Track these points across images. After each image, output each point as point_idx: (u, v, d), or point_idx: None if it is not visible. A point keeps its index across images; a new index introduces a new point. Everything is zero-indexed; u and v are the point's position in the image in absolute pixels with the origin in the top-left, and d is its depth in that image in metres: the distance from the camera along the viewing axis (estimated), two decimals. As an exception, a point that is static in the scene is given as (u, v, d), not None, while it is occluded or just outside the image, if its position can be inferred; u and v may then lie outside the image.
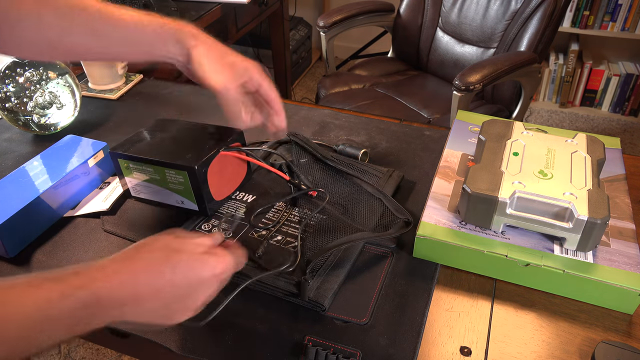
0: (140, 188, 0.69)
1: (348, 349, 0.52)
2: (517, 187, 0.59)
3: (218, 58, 0.59)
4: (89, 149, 0.74)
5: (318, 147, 0.76)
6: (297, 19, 2.74)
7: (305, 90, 2.73)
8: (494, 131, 0.70)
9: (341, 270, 0.59)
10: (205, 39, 0.59)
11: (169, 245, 0.45)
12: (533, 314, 0.56)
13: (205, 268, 0.45)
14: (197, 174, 0.63)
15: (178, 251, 0.45)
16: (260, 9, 1.82)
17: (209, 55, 0.58)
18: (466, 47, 1.62)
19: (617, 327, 0.54)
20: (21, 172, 0.69)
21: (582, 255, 0.58)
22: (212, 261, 0.46)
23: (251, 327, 0.55)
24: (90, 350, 1.48)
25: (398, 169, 0.78)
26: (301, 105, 0.95)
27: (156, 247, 0.45)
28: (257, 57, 2.59)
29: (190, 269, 0.44)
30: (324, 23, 1.64)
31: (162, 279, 0.43)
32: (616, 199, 0.66)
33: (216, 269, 0.46)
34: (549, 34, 1.44)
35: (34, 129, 0.85)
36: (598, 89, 2.43)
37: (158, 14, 0.60)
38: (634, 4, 2.16)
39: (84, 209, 0.70)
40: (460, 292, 0.59)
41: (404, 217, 0.65)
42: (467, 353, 0.52)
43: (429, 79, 1.73)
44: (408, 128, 0.89)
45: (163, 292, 0.43)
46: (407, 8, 1.72)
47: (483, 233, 0.61)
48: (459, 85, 1.28)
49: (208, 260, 0.45)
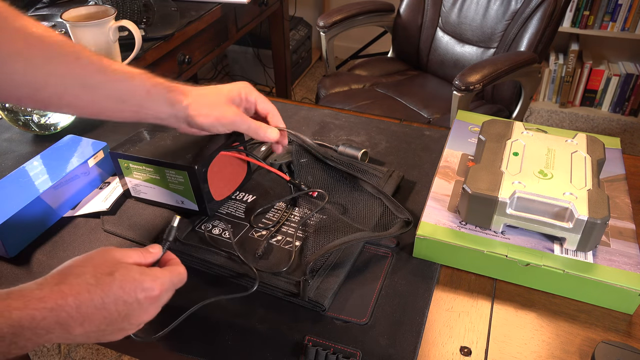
0: (140, 188, 0.69)
1: (348, 349, 0.52)
2: (517, 187, 0.59)
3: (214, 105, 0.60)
4: (89, 149, 0.74)
5: (318, 147, 0.77)
6: (297, 19, 2.74)
7: (305, 90, 2.73)
8: (494, 131, 0.70)
9: (341, 270, 0.59)
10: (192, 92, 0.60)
11: (100, 267, 0.43)
12: (533, 314, 0.56)
13: (139, 291, 0.43)
14: (197, 174, 0.63)
15: (109, 274, 0.43)
16: (260, 9, 1.82)
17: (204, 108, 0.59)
18: (466, 47, 1.62)
19: (617, 327, 0.54)
20: (21, 172, 0.69)
21: (582, 255, 0.58)
22: (146, 283, 0.44)
23: (251, 327, 0.55)
24: (90, 350, 1.48)
25: (398, 169, 0.78)
26: (301, 105, 0.95)
27: (86, 271, 0.42)
28: (257, 57, 2.60)
29: (123, 293, 0.42)
30: (324, 23, 1.64)
31: (92, 305, 0.41)
32: (616, 199, 0.66)
33: (152, 291, 0.44)
34: (549, 34, 1.44)
35: (34, 129, 0.85)
36: (598, 89, 2.43)
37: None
38: (634, 4, 2.16)
39: (84, 209, 0.70)
40: (460, 292, 0.59)
41: (404, 216, 0.65)
42: (467, 353, 0.52)
43: (429, 79, 1.73)
44: (408, 128, 0.89)
45: (93, 317, 0.41)
46: (407, 8, 1.72)
47: (483, 233, 0.61)
48: (459, 85, 1.28)
49: (142, 282, 0.44)
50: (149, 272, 0.45)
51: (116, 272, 0.43)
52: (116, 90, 0.55)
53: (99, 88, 0.54)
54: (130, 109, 0.57)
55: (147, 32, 1.24)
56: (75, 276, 0.42)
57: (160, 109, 0.58)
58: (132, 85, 0.56)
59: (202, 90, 0.61)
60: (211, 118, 0.59)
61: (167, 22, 1.31)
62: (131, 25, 1.01)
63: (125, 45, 1.08)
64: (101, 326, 0.42)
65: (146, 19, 1.28)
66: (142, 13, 1.30)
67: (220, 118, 0.60)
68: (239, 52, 2.64)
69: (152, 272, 0.45)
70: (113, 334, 0.44)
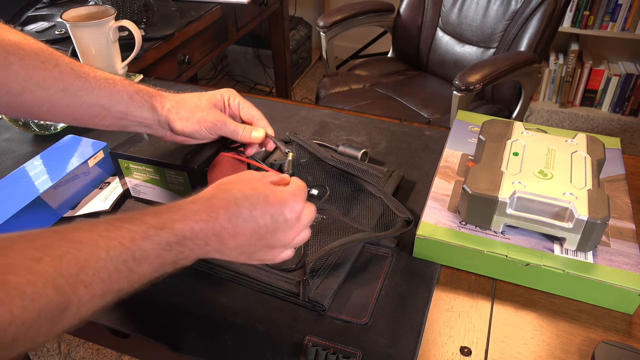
0: (140, 188, 0.69)
1: (348, 349, 0.52)
2: (517, 187, 0.59)
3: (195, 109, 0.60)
4: (89, 149, 0.74)
5: (318, 147, 0.76)
6: (297, 19, 2.74)
7: (305, 90, 2.73)
8: (494, 131, 0.70)
9: (341, 270, 0.59)
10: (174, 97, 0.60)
11: (245, 184, 0.46)
12: (533, 314, 0.56)
13: (282, 205, 0.46)
14: (197, 175, 0.63)
15: (255, 189, 0.45)
16: (260, 9, 1.82)
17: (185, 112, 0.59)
18: (466, 47, 1.62)
19: (617, 327, 0.54)
20: (21, 172, 0.69)
21: (582, 255, 0.58)
22: (290, 200, 0.46)
23: (251, 327, 0.55)
24: (90, 350, 1.48)
25: (398, 169, 0.78)
26: (301, 105, 0.95)
27: (233, 187, 0.46)
28: (257, 57, 2.59)
29: (269, 206, 0.45)
30: (324, 23, 1.64)
31: (241, 217, 0.44)
32: (616, 199, 0.66)
33: (296, 204, 0.46)
34: (549, 34, 1.44)
35: (34, 129, 0.85)
36: (598, 89, 2.43)
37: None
38: (634, 4, 2.16)
39: (84, 209, 0.70)
40: (460, 292, 0.59)
41: (405, 216, 0.65)
42: (467, 353, 0.52)
43: (429, 79, 1.73)
44: (408, 128, 0.89)
45: (244, 229, 0.44)
46: (407, 8, 1.72)
47: (483, 233, 0.61)
48: (459, 85, 1.28)
49: (285, 197, 0.46)
50: (289, 189, 0.48)
51: (261, 189, 0.46)
52: (98, 96, 0.55)
53: (80, 94, 0.54)
54: (113, 115, 0.57)
55: (147, 32, 1.24)
56: (224, 192, 0.45)
57: (144, 115, 0.58)
58: (115, 91, 0.56)
59: (184, 96, 0.61)
60: (192, 122, 0.59)
61: (167, 22, 1.31)
62: (131, 25, 1.01)
63: (125, 45, 1.08)
64: (252, 240, 0.45)
65: (146, 19, 1.28)
66: (142, 13, 1.30)
67: (202, 121, 0.59)
68: (239, 52, 2.64)
69: (290, 190, 0.48)
70: (263, 251, 0.47)
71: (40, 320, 0.31)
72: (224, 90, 0.63)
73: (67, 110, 0.55)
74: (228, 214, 0.43)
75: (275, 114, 0.91)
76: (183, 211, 0.42)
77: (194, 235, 0.41)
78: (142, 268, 0.38)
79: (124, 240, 0.37)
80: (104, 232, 0.37)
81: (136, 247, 0.38)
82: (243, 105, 0.63)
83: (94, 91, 0.55)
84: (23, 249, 0.32)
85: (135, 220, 0.40)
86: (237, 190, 0.45)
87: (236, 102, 0.63)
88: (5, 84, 0.51)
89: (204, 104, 0.60)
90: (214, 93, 0.62)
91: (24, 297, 0.30)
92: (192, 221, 0.42)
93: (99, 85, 0.55)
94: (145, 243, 0.38)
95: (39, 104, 0.53)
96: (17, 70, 0.51)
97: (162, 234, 0.40)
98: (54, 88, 0.53)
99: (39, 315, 0.31)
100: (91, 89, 0.55)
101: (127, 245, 0.37)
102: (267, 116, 0.65)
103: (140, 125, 0.59)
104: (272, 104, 0.95)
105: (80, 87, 0.54)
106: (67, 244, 0.35)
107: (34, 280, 0.31)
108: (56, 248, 0.34)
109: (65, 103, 0.54)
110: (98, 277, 0.35)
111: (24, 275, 0.31)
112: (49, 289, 0.32)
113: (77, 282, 0.34)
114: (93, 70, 0.56)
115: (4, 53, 0.50)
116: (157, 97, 0.59)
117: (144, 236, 0.39)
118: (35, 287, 0.31)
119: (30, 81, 0.52)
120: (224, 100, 0.62)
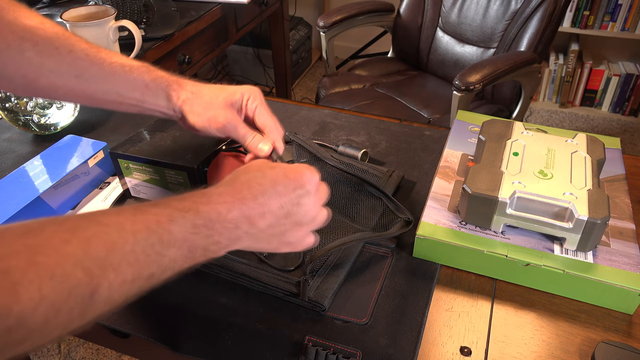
0: (140, 188, 0.69)
1: (348, 349, 0.52)
2: (517, 187, 0.59)
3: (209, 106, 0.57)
4: (89, 149, 0.74)
5: (318, 147, 0.76)
6: (297, 19, 2.74)
7: (305, 90, 2.73)
8: (494, 131, 0.70)
9: (341, 270, 0.59)
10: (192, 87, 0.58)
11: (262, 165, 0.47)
12: (533, 314, 0.56)
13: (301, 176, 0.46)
14: (197, 174, 0.63)
15: (272, 167, 0.47)
16: (260, 9, 1.82)
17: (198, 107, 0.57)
18: (466, 47, 1.62)
19: (617, 327, 0.54)
20: (21, 172, 0.69)
21: (582, 255, 0.58)
22: (307, 172, 0.47)
23: (251, 327, 0.55)
24: (90, 350, 1.48)
25: (398, 169, 0.78)
26: (301, 105, 0.95)
27: (251, 169, 0.47)
28: (257, 57, 2.60)
29: (289, 181, 0.46)
30: (324, 23, 1.64)
31: (266, 194, 0.44)
32: (616, 199, 0.66)
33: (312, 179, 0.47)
34: (549, 34, 1.44)
35: (34, 129, 0.85)
36: (598, 89, 2.43)
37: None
38: (634, 4, 2.16)
39: (84, 209, 0.70)
40: (460, 292, 0.59)
41: (405, 216, 0.65)
42: (467, 353, 0.52)
43: (429, 79, 1.73)
44: (408, 128, 0.89)
45: (271, 207, 0.44)
46: (407, 8, 1.72)
47: (483, 233, 0.61)
48: (459, 85, 1.28)
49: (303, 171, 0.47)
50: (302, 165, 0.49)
51: (277, 167, 0.47)
52: (113, 83, 0.55)
53: (95, 81, 0.54)
54: (129, 102, 0.57)
55: (147, 32, 1.24)
56: (244, 173, 0.46)
57: (159, 103, 0.57)
58: (130, 79, 0.56)
59: (202, 87, 0.59)
60: (202, 119, 0.57)
61: (167, 22, 1.31)
62: (131, 25, 1.01)
63: (125, 45, 1.08)
64: (280, 218, 0.45)
65: (146, 19, 1.28)
66: (142, 13, 1.30)
67: (212, 120, 0.57)
68: (239, 52, 2.64)
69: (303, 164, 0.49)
70: (293, 231, 0.46)
71: (70, 302, 0.31)
72: (245, 89, 0.59)
73: (83, 94, 0.55)
74: (252, 194, 0.44)
75: (275, 114, 0.91)
76: (207, 195, 0.42)
77: (221, 217, 0.41)
78: (171, 252, 0.38)
79: (150, 224, 0.37)
80: (131, 216, 0.37)
81: (163, 229, 0.38)
82: (260, 110, 0.59)
83: (109, 78, 0.55)
84: (52, 232, 0.32)
85: (160, 204, 0.39)
86: (257, 170, 0.46)
87: (254, 105, 0.59)
88: (20, 69, 0.51)
89: (220, 102, 0.58)
90: (235, 91, 0.59)
91: (53, 277, 0.30)
92: (217, 204, 0.41)
93: (113, 72, 0.55)
94: (172, 225, 0.38)
95: (54, 88, 0.54)
96: (30, 57, 0.51)
97: (187, 216, 0.39)
98: (67, 74, 0.53)
99: (69, 297, 0.31)
100: (105, 76, 0.55)
101: (153, 229, 0.37)
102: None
103: (158, 112, 0.59)
104: (272, 104, 0.95)
105: (94, 73, 0.54)
106: (95, 226, 0.35)
107: (63, 261, 0.31)
108: (84, 230, 0.34)
109: (80, 89, 0.55)
110: (126, 260, 0.35)
111: (53, 256, 0.31)
112: (78, 271, 0.31)
113: (106, 265, 0.33)
114: (110, 55, 0.55)
115: (19, 39, 0.51)
116: (174, 86, 0.58)
117: (170, 219, 0.38)
118: (64, 268, 0.31)
119: (43, 67, 0.52)
120: (243, 100, 0.59)
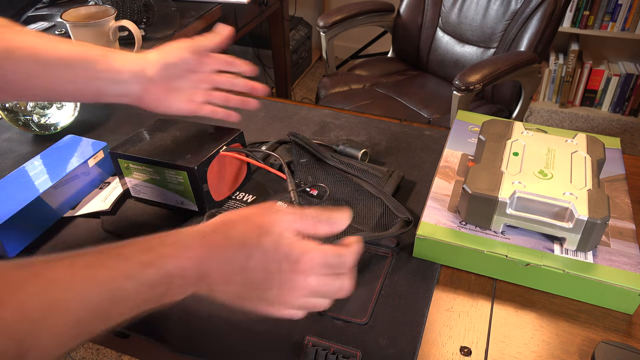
0: (140, 188, 0.69)
1: (348, 349, 0.52)
2: (517, 187, 0.59)
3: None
4: (89, 149, 0.74)
5: (318, 147, 0.77)
6: (297, 19, 2.74)
7: (305, 90, 2.73)
8: (494, 131, 0.70)
9: (341, 270, 0.59)
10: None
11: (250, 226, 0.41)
12: (533, 314, 0.56)
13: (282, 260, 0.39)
14: (197, 174, 0.63)
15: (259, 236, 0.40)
16: (260, 9, 1.82)
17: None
18: (466, 47, 1.62)
19: (617, 327, 0.54)
20: (21, 172, 0.69)
21: (582, 255, 0.58)
22: (295, 252, 0.40)
23: (251, 327, 0.55)
24: (90, 350, 1.48)
25: (398, 169, 0.78)
26: (301, 105, 0.95)
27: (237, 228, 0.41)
28: (257, 57, 2.59)
29: (265, 259, 0.39)
30: (324, 23, 1.64)
31: (233, 264, 0.39)
32: (616, 199, 0.66)
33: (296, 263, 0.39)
34: (549, 34, 1.44)
35: (34, 129, 0.85)
36: (598, 89, 2.43)
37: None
38: (634, 4, 2.16)
39: (84, 209, 0.70)
40: (460, 292, 0.59)
41: (405, 216, 0.65)
42: (467, 353, 0.52)
43: (429, 79, 1.73)
44: (408, 128, 0.89)
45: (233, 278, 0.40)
46: (407, 8, 1.72)
47: (483, 233, 0.61)
48: (459, 85, 1.28)
49: (289, 250, 0.39)
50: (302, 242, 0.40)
51: (264, 237, 0.40)
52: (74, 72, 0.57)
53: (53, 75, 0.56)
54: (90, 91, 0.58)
55: (147, 32, 1.24)
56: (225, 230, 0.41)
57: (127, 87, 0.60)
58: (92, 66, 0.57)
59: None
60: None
61: (167, 22, 1.31)
62: (131, 25, 1.01)
63: (125, 45, 1.09)
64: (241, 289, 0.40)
65: (146, 19, 1.28)
66: (142, 13, 1.30)
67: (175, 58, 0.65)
68: (239, 52, 2.64)
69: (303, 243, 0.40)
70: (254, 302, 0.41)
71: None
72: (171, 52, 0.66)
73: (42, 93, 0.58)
74: (220, 259, 0.40)
75: (275, 114, 0.91)
76: (175, 246, 0.39)
77: (183, 273, 0.39)
78: (120, 309, 0.37)
79: (104, 280, 0.36)
80: (84, 268, 0.36)
81: (116, 286, 0.36)
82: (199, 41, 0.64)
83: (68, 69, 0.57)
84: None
85: (122, 254, 0.38)
86: (239, 232, 0.41)
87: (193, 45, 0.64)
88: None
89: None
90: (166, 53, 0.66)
91: None
92: (184, 259, 0.39)
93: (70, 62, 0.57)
94: (127, 283, 0.36)
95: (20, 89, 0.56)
96: None
97: (148, 272, 0.37)
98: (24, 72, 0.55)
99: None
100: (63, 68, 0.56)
101: (106, 286, 0.36)
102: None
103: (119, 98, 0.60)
104: (272, 104, 0.95)
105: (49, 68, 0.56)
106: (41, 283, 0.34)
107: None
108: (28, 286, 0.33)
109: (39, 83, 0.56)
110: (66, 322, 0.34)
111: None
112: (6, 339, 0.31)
113: (40, 329, 0.33)
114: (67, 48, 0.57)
115: None
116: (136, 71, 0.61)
117: (128, 275, 0.37)
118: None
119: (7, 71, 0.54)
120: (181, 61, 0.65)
